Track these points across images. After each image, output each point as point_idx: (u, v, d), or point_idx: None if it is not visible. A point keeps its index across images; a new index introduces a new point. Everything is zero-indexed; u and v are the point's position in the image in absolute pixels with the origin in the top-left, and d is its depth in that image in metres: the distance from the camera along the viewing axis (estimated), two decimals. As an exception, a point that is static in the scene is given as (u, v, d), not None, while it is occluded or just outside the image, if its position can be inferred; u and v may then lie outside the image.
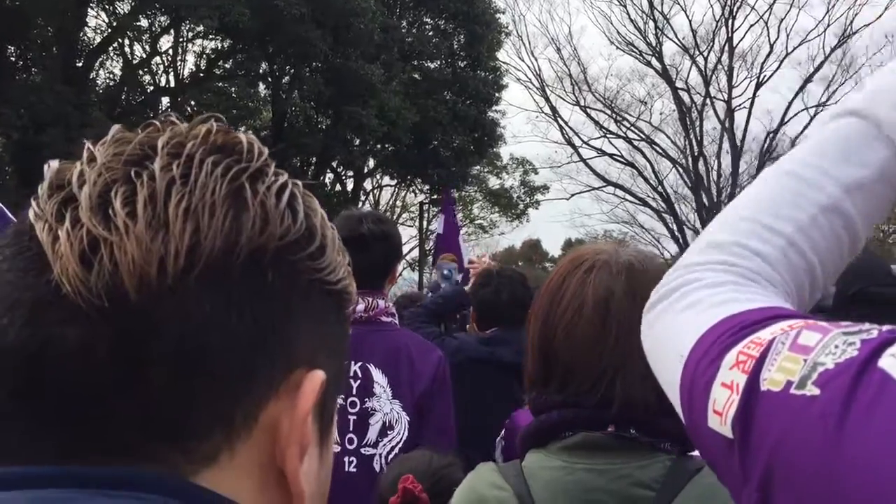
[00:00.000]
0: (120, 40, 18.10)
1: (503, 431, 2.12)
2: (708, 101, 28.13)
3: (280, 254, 0.49)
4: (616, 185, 29.57)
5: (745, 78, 28.19)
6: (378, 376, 2.40)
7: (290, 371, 0.50)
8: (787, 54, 27.36)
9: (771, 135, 27.29)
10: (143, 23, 17.99)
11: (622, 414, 1.12)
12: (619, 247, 1.25)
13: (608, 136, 29.23)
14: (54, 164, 0.50)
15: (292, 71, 19.42)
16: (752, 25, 27.90)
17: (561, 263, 1.27)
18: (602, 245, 1.27)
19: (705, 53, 28.18)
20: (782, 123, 27.25)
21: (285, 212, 0.50)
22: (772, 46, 27.53)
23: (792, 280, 0.72)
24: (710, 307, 0.67)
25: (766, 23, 27.18)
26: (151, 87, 19.35)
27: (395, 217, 27.69)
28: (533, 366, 1.23)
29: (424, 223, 23.25)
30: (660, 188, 28.67)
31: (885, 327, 0.55)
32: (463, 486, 1.21)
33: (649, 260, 1.22)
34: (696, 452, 1.16)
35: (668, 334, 0.71)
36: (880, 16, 26.40)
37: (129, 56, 19.04)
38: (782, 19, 27.25)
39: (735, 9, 27.64)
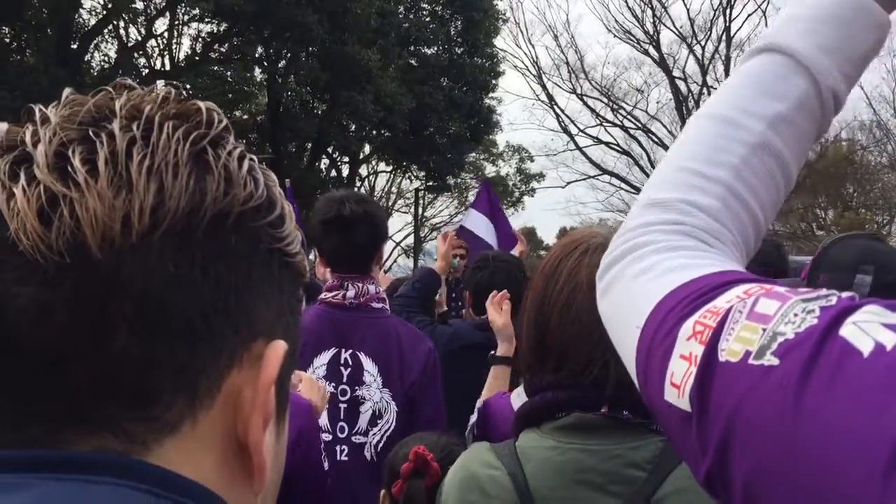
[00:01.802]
0: (115, 22, 17.97)
1: (475, 418, 2.12)
2: (705, 90, 28.11)
3: (243, 218, 0.49)
4: (612, 174, 29.61)
5: (743, 67, 28.10)
6: (368, 364, 2.38)
7: (252, 340, 0.50)
8: (785, 44, 27.30)
9: (767, 125, 27.28)
10: (139, 5, 17.88)
11: (616, 396, 1.13)
12: (613, 229, 1.26)
13: (604, 124, 29.26)
14: (3, 125, 0.48)
15: (288, 55, 19.34)
16: (749, 15, 27.99)
17: (555, 247, 1.28)
18: (596, 228, 1.28)
19: (703, 42, 28.18)
20: (778, 113, 27.23)
21: (247, 178, 0.50)
22: (769, 36, 27.46)
23: (736, 229, 0.71)
24: (664, 273, 0.66)
25: (764, 12, 27.16)
26: (146, 70, 19.23)
27: (390, 203, 27.67)
28: (528, 348, 1.24)
29: (420, 210, 23.23)
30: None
31: (845, 294, 0.54)
32: (457, 465, 1.21)
33: None
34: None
35: (622, 302, 0.70)
36: (878, 6, 26.32)
37: (125, 38, 18.92)
38: (780, 9, 27.18)
39: (733, -2, 27.60)
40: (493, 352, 2.65)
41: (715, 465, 0.54)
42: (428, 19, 21.98)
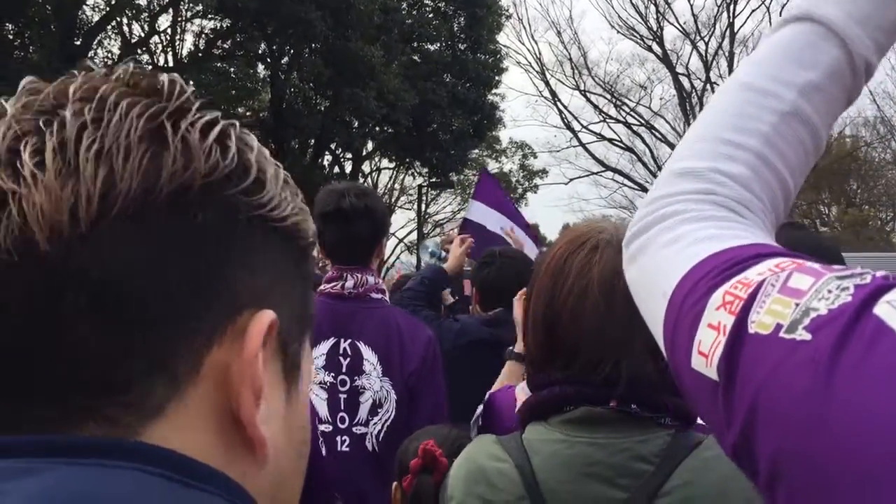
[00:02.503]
0: (118, 19, 17.97)
1: (480, 409, 2.11)
2: (708, 86, 28.04)
3: (209, 191, 0.47)
4: (615, 171, 29.57)
5: (746, 64, 28.03)
6: (368, 353, 2.38)
7: (237, 313, 0.48)
8: (789, 40, 27.23)
9: (770, 121, 27.26)
10: (142, 1, 17.89)
11: (626, 392, 1.13)
12: (619, 224, 1.25)
13: (608, 120, 29.21)
14: None
15: (292, 52, 19.34)
16: (753, 11, 27.84)
17: (560, 242, 1.26)
18: (601, 223, 1.26)
19: (706, 38, 28.12)
20: (782, 110, 27.20)
21: (212, 147, 0.47)
22: (773, 32, 27.39)
23: (766, 196, 0.71)
24: (694, 243, 0.66)
25: (768, 8, 27.08)
26: (150, 67, 19.24)
27: (393, 200, 27.65)
28: (536, 345, 1.23)
29: (422, 206, 23.21)
30: (658, 174, 28.62)
31: (879, 273, 0.54)
32: (462, 457, 1.21)
33: None
34: (699, 422, 1.18)
35: (651, 270, 0.70)
36: (882, 2, 26.23)
37: (128, 35, 18.93)
38: (784, 5, 27.14)
39: (737, -6, 27.54)
40: (511, 347, 2.64)
41: (741, 436, 0.54)
42: (431, 15, 21.94)
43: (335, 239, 2.42)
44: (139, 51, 18.98)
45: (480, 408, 2.18)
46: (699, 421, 1.14)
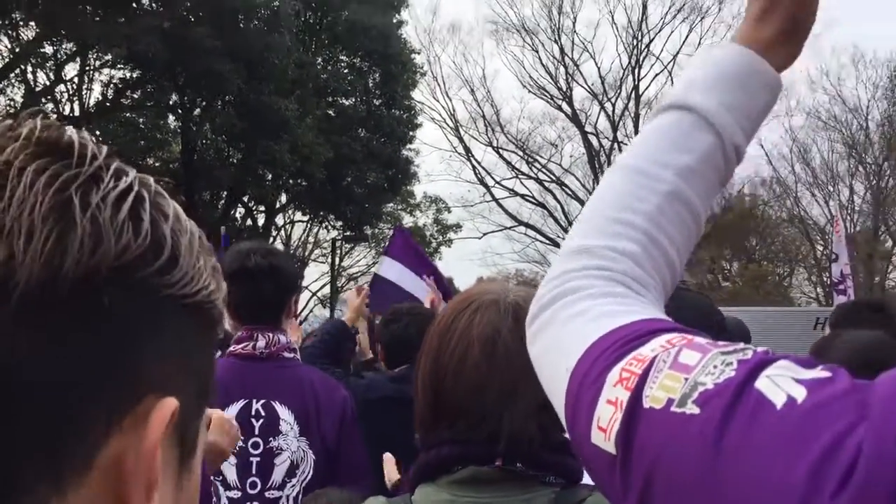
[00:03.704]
0: (22, 66, 17.49)
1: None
2: (615, 145, 29.05)
3: (119, 274, 0.43)
4: (527, 225, 30.13)
5: (651, 124, 29.23)
6: (284, 413, 2.34)
7: (138, 401, 0.44)
8: (690, 103, 28.51)
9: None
10: (48, 49, 17.47)
11: (509, 449, 1.15)
12: (508, 286, 1.29)
13: (520, 176, 29.86)
14: None
15: (203, 103, 19.15)
16: (657, 75, 29.12)
17: (450, 304, 1.29)
18: (491, 285, 1.30)
19: (613, 100, 29.23)
20: (685, 169, 28.38)
21: (125, 225, 0.43)
22: (675, 95, 28.67)
23: (656, 271, 0.76)
24: (593, 319, 0.69)
25: (671, 73, 28.37)
26: (55, 116, 18.71)
27: (306, 253, 27.38)
28: (423, 404, 1.24)
29: (336, 260, 23.06)
30: (570, 229, 29.31)
31: (760, 348, 0.58)
32: (353, 521, 1.21)
33: None
34: (584, 480, 1.20)
35: (553, 347, 0.73)
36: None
37: (32, 83, 18.41)
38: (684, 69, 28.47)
39: (641, 59, 28.85)
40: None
41: None
42: (346, 71, 22.15)
43: (241, 299, 2.40)
44: (44, 99, 18.47)
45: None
46: (586, 479, 1.17)
